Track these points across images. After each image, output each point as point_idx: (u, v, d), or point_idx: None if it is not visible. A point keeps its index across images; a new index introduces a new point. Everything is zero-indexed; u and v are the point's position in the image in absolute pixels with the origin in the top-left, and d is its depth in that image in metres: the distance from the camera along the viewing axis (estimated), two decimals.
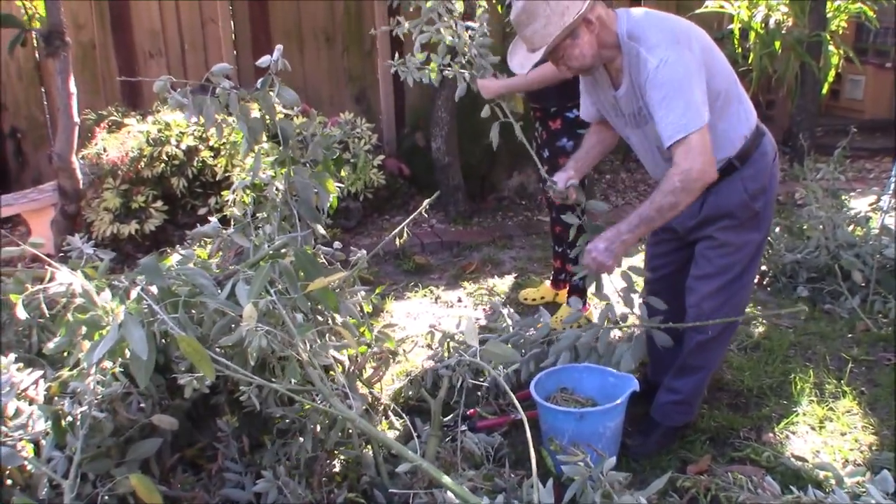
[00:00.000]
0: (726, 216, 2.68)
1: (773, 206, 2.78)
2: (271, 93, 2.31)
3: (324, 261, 2.76)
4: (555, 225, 4.04)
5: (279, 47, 2.30)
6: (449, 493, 1.96)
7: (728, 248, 2.71)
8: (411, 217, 3.05)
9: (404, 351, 3.68)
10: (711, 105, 2.49)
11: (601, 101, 2.80)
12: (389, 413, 3.10)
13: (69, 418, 2.09)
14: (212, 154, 5.15)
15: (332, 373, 2.42)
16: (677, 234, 2.87)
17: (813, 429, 3.10)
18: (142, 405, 2.31)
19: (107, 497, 2.10)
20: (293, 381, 2.20)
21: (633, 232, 2.53)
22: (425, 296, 4.58)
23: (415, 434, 2.75)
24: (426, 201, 3.23)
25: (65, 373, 2.21)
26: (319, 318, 2.57)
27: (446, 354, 3.43)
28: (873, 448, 2.95)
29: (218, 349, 2.21)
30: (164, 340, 2.28)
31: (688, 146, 2.41)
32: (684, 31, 2.50)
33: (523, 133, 3.27)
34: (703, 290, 2.78)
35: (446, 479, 1.93)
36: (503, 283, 4.70)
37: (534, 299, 4.40)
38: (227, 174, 5.05)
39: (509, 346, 2.86)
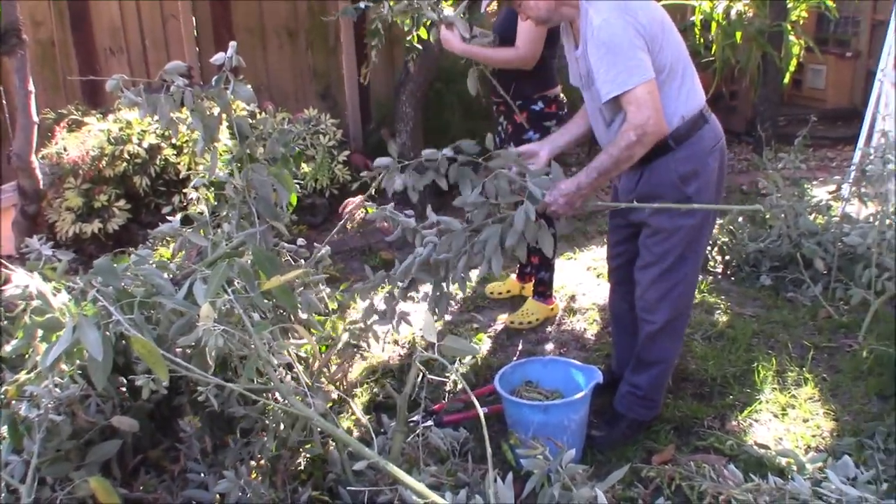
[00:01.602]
0: (658, 198, 2.70)
1: (714, 195, 2.79)
2: (227, 90, 2.28)
3: (289, 258, 2.74)
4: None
5: (233, 44, 2.28)
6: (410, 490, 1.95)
7: (662, 234, 2.74)
8: (360, 199, 2.99)
9: (368, 346, 3.67)
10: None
11: (571, 65, 2.85)
12: (356, 410, 3.09)
13: (26, 422, 2.07)
14: (175, 152, 5.09)
15: (294, 371, 2.40)
16: (628, 220, 2.89)
17: (776, 416, 3.14)
18: (101, 407, 2.29)
19: (66, 500, 2.07)
20: (255, 380, 2.18)
21: (592, 184, 2.60)
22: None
23: (381, 430, 2.75)
24: (373, 183, 3.09)
25: (22, 376, 2.18)
26: (282, 314, 2.55)
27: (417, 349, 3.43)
28: (834, 434, 2.99)
29: (178, 350, 2.19)
30: (123, 342, 2.26)
31: (636, 101, 2.47)
32: (631, 2, 2.56)
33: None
34: (644, 279, 2.82)
35: (403, 476, 1.93)
36: (469, 277, 4.70)
37: (500, 293, 4.41)
38: (190, 172, 5.01)
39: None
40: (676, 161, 2.67)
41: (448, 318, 4.15)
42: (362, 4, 3.41)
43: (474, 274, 4.74)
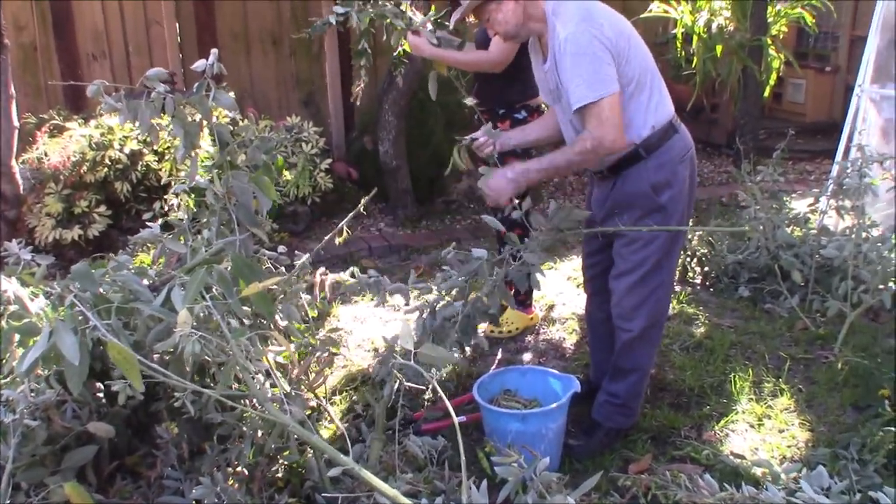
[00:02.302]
0: (630, 207, 2.75)
1: (685, 204, 2.83)
2: (208, 98, 2.29)
3: (269, 265, 2.74)
4: (514, 228, 4.04)
5: (214, 51, 2.28)
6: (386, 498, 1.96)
7: (637, 242, 2.77)
8: (350, 215, 3.03)
9: (346, 355, 3.68)
10: (622, 90, 2.58)
11: (539, 77, 2.90)
12: (334, 418, 3.09)
13: (1, 426, 2.06)
14: (156, 158, 5.09)
15: (273, 378, 2.40)
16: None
17: (752, 426, 3.16)
18: (77, 413, 2.28)
19: None
20: (232, 386, 2.18)
21: (541, 172, 2.77)
22: (372, 300, 4.57)
23: (360, 438, 2.75)
24: (364, 199, 3.19)
25: None
26: (262, 322, 2.55)
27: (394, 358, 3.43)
28: (809, 444, 3.01)
29: (156, 356, 2.19)
30: (101, 347, 2.25)
31: (599, 113, 2.53)
32: (600, 12, 2.61)
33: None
34: (620, 287, 2.84)
35: (377, 482, 1.94)
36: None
37: None
38: (171, 178, 4.99)
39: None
40: (648, 170, 2.71)
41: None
42: (332, 19, 3.44)
43: None
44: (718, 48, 6.88)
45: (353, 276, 3.00)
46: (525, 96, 3.71)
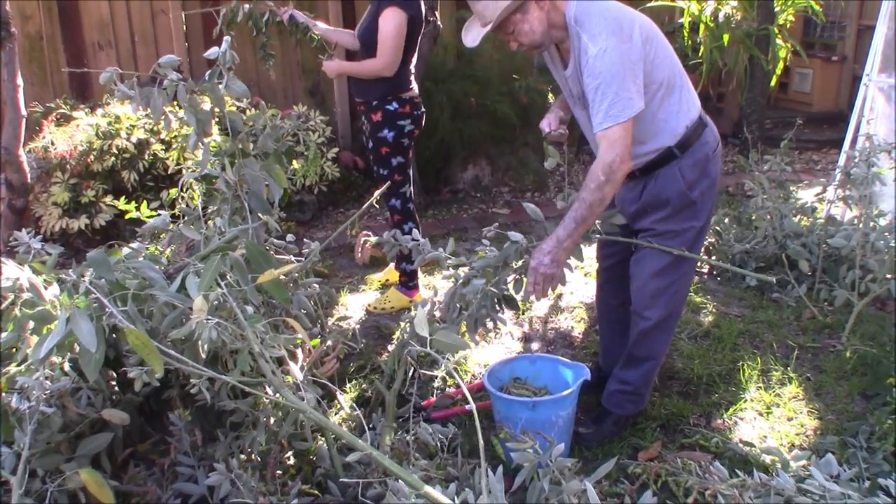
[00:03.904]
0: (664, 204, 2.73)
1: (714, 196, 2.83)
2: (220, 85, 2.29)
3: (281, 255, 2.75)
4: (393, 214, 4.15)
5: (227, 39, 2.29)
6: (401, 482, 1.97)
7: (667, 235, 2.76)
8: (363, 208, 3.05)
9: (354, 343, 3.68)
10: (653, 95, 2.55)
11: (557, 79, 2.85)
12: (344, 405, 3.10)
13: (17, 414, 2.07)
14: (163, 147, 5.09)
15: (285, 365, 2.41)
16: (627, 225, 2.91)
17: (760, 415, 3.17)
18: (92, 400, 2.29)
19: (56, 493, 2.08)
20: (245, 373, 2.19)
21: (572, 236, 2.57)
22: (379, 288, 4.59)
23: (370, 426, 2.76)
24: (377, 192, 3.24)
25: (13, 368, 2.18)
26: (274, 310, 2.56)
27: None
28: (818, 432, 3.02)
29: (169, 342, 2.20)
30: (114, 335, 2.26)
31: (610, 138, 2.48)
32: (628, 20, 2.53)
33: None
34: (643, 274, 2.82)
35: (396, 468, 1.95)
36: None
37: (380, 280, 4.65)
38: (178, 167, 5.00)
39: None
40: (682, 168, 2.69)
41: (437, 314, 4.16)
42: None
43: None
44: (725, 37, 6.86)
45: (394, 238, 3.03)
46: (397, 90, 3.92)
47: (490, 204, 6.29)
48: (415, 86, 4.02)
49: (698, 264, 4.59)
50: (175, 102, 2.34)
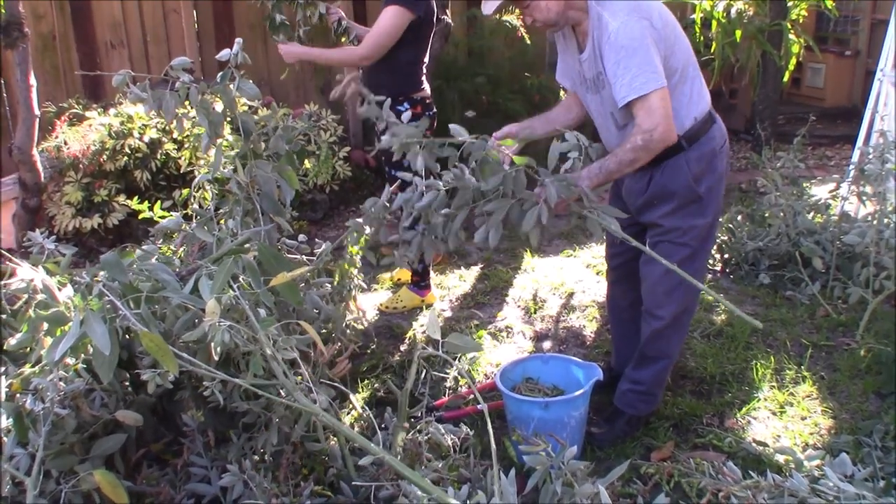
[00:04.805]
0: (670, 197, 2.72)
1: (721, 195, 2.82)
2: (231, 86, 2.29)
3: (293, 255, 2.75)
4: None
5: (239, 40, 2.29)
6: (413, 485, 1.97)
7: (675, 233, 2.75)
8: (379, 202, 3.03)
9: (369, 344, 3.69)
10: (667, 81, 2.54)
11: (569, 66, 2.84)
12: (357, 406, 3.11)
13: (32, 415, 2.08)
14: (176, 147, 5.11)
15: (297, 368, 2.42)
16: (634, 220, 2.89)
17: (774, 414, 3.16)
18: (105, 401, 2.30)
19: (71, 493, 2.09)
20: (257, 375, 2.20)
21: (593, 181, 2.55)
22: (390, 288, 4.59)
23: (382, 427, 2.76)
24: (389, 188, 3.21)
25: (27, 369, 2.19)
26: (286, 311, 2.57)
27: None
28: (832, 431, 3.01)
29: (182, 344, 2.21)
30: (127, 336, 2.27)
31: (648, 106, 2.47)
32: (647, 4, 2.55)
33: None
34: (654, 273, 2.81)
35: (408, 471, 1.95)
36: (469, 274, 4.72)
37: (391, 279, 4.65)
38: (191, 167, 5.01)
39: None
40: (689, 161, 2.68)
41: (448, 314, 4.17)
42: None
43: (475, 270, 4.77)
44: (737, 33, 6.83)
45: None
46: (409, 90, 3.86)
47: None
48: (426, 86, 4.00)
49: (710, 261, 4.58)
50: (187, 103, 2.35)
